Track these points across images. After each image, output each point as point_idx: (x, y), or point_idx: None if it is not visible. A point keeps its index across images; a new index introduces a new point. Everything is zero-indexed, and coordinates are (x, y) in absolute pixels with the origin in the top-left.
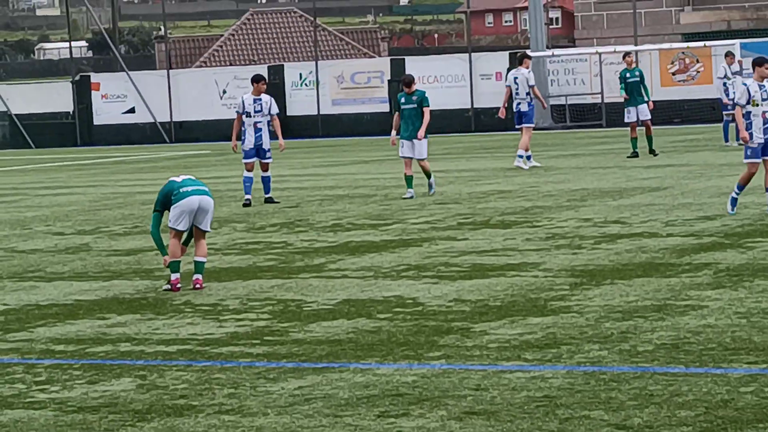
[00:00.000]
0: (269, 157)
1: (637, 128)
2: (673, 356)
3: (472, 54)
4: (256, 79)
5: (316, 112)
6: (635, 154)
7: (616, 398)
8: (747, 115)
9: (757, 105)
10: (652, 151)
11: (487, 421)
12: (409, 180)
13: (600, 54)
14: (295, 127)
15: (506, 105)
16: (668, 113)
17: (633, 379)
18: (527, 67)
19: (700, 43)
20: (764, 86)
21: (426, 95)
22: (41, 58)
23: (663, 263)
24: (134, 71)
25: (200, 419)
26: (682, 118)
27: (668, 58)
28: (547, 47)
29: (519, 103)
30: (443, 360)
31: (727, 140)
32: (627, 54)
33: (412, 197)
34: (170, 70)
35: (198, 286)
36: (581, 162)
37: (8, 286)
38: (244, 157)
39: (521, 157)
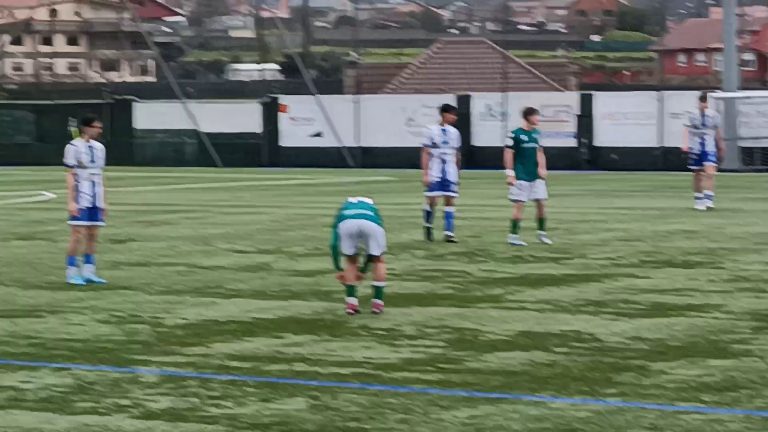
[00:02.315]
0: (455, 191)
1: None
2: None
3: (663, 92)
4: (446, 109)
5: (501, 144)
6: None
7: None
8: None
9: None
10: None
11: None
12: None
13: None
14: (479, 158)
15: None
16: None
17: None
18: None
19: None
20: None
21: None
22: (232, 78)
23: None
24: (323, 95)
25: None
26: None
27: None
28: (739, 89)
29: (703, 142)
30: (619, 397)
31: None
32: None
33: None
34: (359, 96)
35: (376, 310)
36: None
37: (188, 300)
38: (428, 190)
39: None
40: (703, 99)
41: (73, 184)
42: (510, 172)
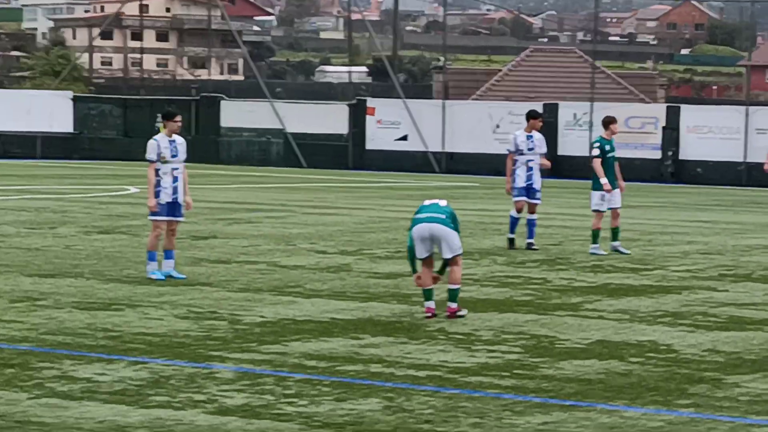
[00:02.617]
0: (538, 198)
1: None
2: None
3: (750, 107)
4: (533, 116)
5: (587, 154)
6: None
7: None
8: None
9: None
10: None
11: None
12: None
13: None
14: (565, 168)
15: None
16: None
17: None
18: None
19: None
20: None
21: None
22: (321, 80)
23: None
24: (410, 99)
25: None
26: None
27: None
28: None
29: None
30: (692, 408)
31: None
32: None
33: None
34: (446, 101)
35: (449, 314)
36: None
37: (267, 299)
38: (515, 196)
39: None
40: None
41: (154, 179)
42: (605, 180)
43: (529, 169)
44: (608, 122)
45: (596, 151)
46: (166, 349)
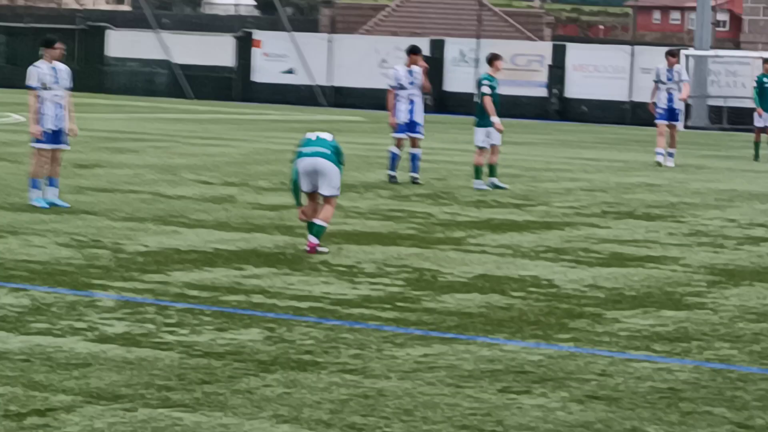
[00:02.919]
0: (421, 132)
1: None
2: None
3: (635, 47)
4: (413, 51)
5: (473, 91)
6: (758, 159)
7: (740, 397)
8: None
9: None
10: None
11: (608, 407)
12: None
13: (764, 58)
14: (451, 103)
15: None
16: None
17: (760, 381)
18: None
19: None
20: None
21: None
22: (208, 12)
23: None
24: (297, 33)
25: (323, 376)
26: None
27: None
28: (712, 48)
29: (671, 97)
30: (571, 343)
31: None
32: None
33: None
34: (333, 35)
35: (309, 248)
36: (734, 164)
37: (151, 228)
38: (396, 132)
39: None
40: (671, 54)
41: (36, 106)
42: (497, 119)
43: (411, 103)
44: (493, 59)
45: (487, 89)
46: (48, 277)
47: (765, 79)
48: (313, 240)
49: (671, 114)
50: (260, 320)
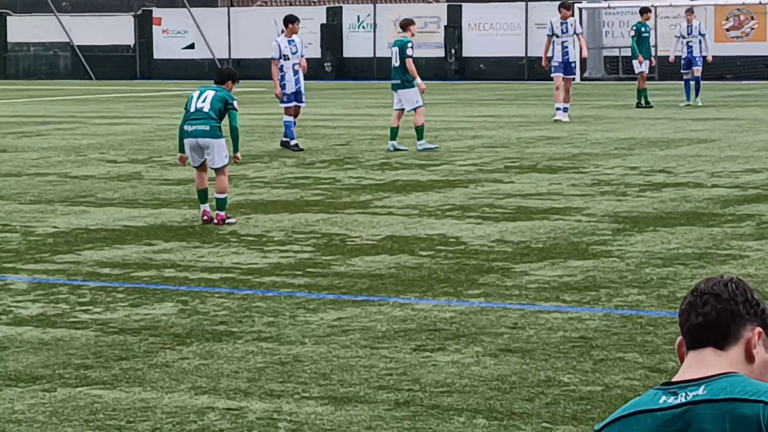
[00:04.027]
0: (304, 101)
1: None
2: None
3: (529, 3)
4: (291, 20)
5: (372, 55)
6: (641, 105)
7: (651, 342)
8: None
9: None
10: (649, 104)
11: (522, 359)
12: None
13: (656, 7)
14: (350, 69)
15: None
16: (721, 69)
17: (670, 324)
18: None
19: (756, 0)
20: None
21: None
22: None
23: (706, 213)
24: (195, 8)
25: (238, 345)
26: (734, 74)
27: (723, 14)
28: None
29: (566, 50)
30: (482, 298)
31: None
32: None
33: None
34: (231, 8)
35: (218, 221)
36: (631, 113)
37: (59, 209)
38: (286, 101)
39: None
40: (565, 6)
41: None
42: (420, 80)
43: (296, 72)
44: (408, 24)
45: (411, 51)
46: None
47: (642, 28)
48: (221, 213)
49: (567, 67)
50: (173, 294)
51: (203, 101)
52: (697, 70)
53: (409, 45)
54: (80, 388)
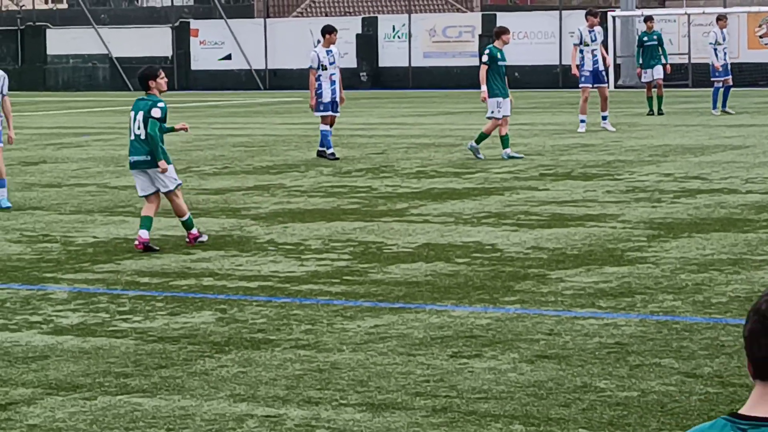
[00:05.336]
0: (338, 111)
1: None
2: (746, 308)
3: (563, 12)
4: (329, 31)
5: (407, 64)
6: (652, 113)
7: (687, 347)
8: None
9: None
10: (660, 112)
11: (558, 365)
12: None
13: (689, 15)
14: (386, 78)
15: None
16: (754, 75)
17: (705, 330)
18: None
19: None
20: None
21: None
22: (144, 4)
23: (741, 219)
24: (232, 19)
25: (276, 353)
26: (767, 81)
27: (756, 21)
28: (637, 8)
29: (595, 59)
30: (518, 305)
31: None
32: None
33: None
34: (267, 19)
35: (190, 240)
36: (665, 120)
37: (99, 219)
38: (323, 110)
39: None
40: (592, 14)
41: None
42: (484, 88)
43: (332, 83)
44: (500, 33)
45: (485, 58)
46: (1, 274)
47: (645, 38)
48: (193, 232)
49: (597, 76)
50: (212, 302)
51: (138, 127)
52: (730, 78)
53: (486, 52)
54: (120, 397)
